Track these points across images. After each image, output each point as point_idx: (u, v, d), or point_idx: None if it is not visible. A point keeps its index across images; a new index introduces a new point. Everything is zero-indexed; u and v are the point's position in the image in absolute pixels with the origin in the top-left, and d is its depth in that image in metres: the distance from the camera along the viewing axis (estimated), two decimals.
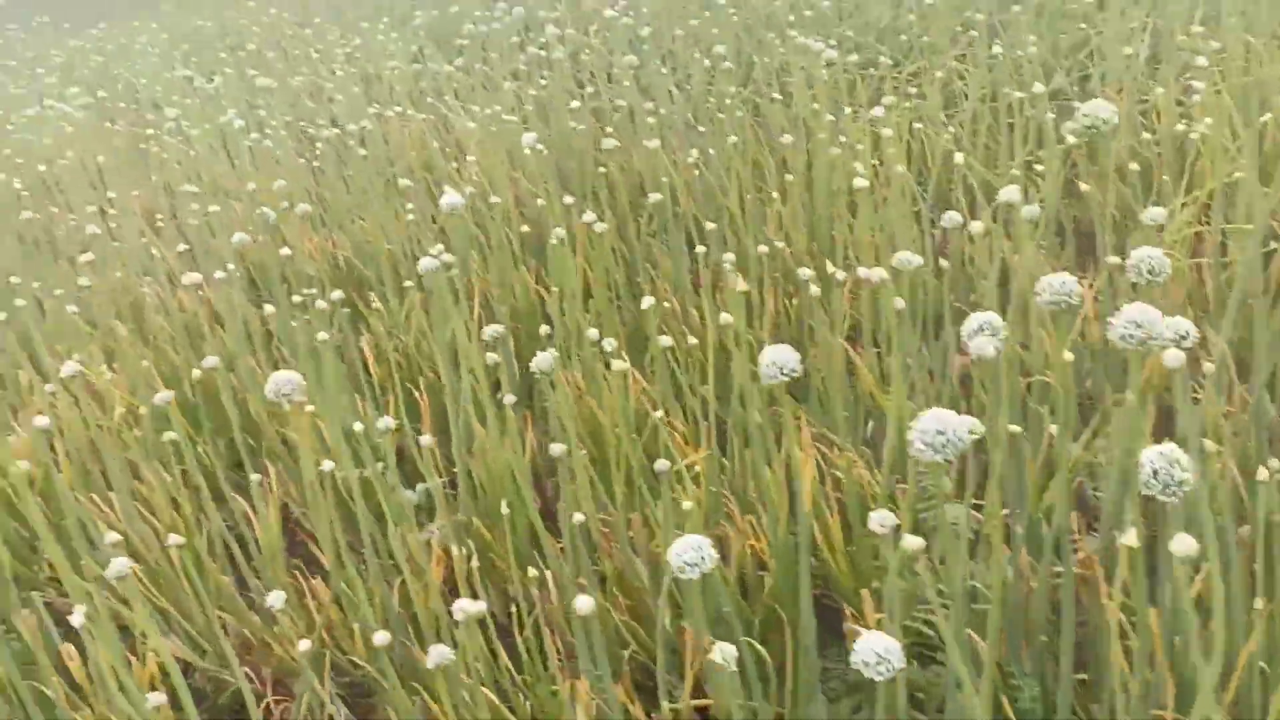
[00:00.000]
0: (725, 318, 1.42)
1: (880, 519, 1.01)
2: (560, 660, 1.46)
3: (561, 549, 1.73)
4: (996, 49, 2.76)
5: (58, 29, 6.87)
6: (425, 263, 1.80)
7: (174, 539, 1.37)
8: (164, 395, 1.56)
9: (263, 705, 1.66)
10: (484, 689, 1.32)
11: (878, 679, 0.78)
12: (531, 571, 1.31)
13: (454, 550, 1.59)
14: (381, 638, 1.13)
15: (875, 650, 0.78)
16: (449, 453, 1.90)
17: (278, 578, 1.74)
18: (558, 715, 1.36)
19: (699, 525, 1.39)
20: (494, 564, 1.74)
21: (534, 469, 1.90)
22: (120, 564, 1.13)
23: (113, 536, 1.33)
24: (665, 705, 1.16)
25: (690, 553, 0.87)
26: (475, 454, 1.83)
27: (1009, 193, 1.37)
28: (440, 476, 1.76)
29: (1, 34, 6.95)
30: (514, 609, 1.50)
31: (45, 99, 4.59)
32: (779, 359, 1.04)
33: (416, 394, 2.08)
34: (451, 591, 1.61)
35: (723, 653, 0.87)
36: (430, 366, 2.28)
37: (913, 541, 0.85)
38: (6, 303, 2.40)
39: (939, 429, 0.79)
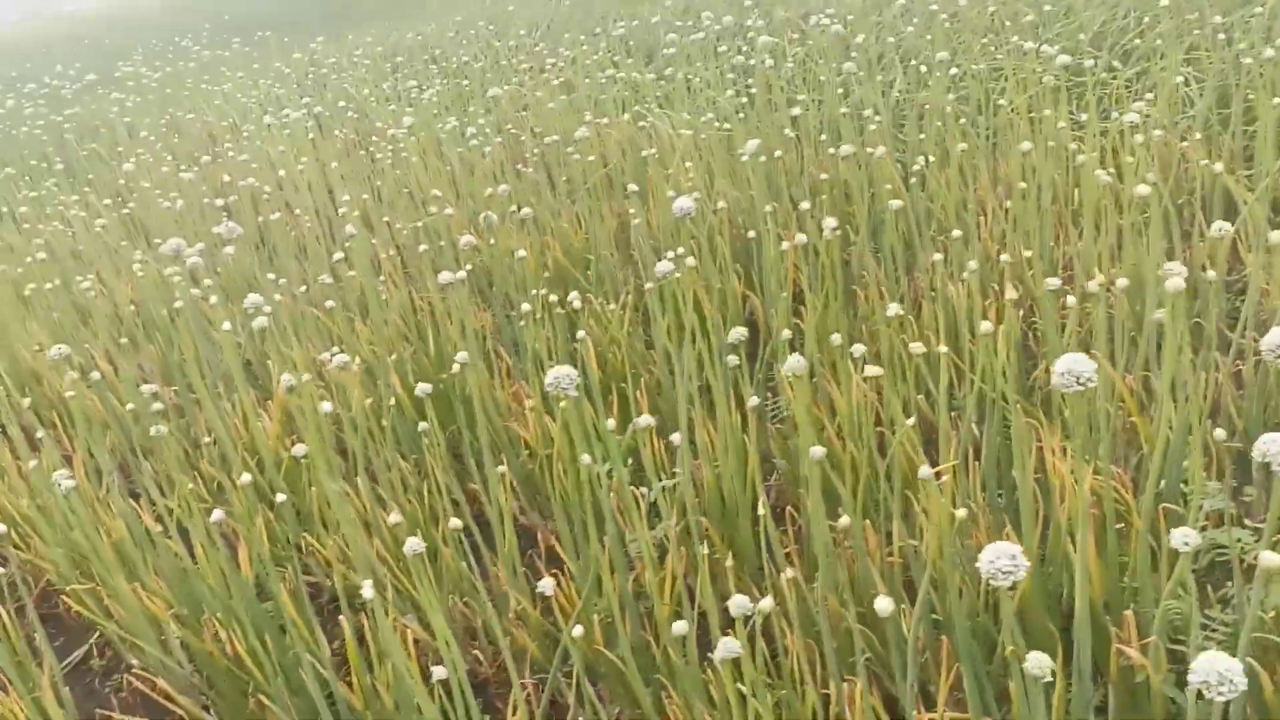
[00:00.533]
0: (986, 326, 1.40)
1: (1184, 536, 0.98)
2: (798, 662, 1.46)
3: (788, 553, 1.74)
4: (1268, 53, 2.60)
5: (279, 42, 7.34)
6: (661, 266, 1.84)
7: (454, 522, 1.44)
8: (424, 386, 1.65)
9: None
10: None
11: (1219, 699, 0.75)
12: (789, 573, 1.31)
13: (685, 548, 1.62)
14: (679, 627, 1.15)
15: (1217, 670, 0.75)
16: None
17: (513, 566, 1.80)
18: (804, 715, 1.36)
19: (948, 535, 1.37)
20: (719, 562, 1.76)
21: None
22: (413, 543, 1.20)
23: (395, 518, 1.41)
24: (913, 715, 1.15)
25: (1004, 560, 0.86)
26: (702, 454, 1.86)
27: None
28: (665, 476, 1.79)
29: (228, 47, 7.47)
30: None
31: (275, 108, 4.91)
32: (1076, 368, 1.01)
33: (637, 394, 2.13)
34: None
35: (1039, 663, 0.85)
36: (647, 367, 2.33)
37: (1269, 559, 0.81)
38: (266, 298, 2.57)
39: None
